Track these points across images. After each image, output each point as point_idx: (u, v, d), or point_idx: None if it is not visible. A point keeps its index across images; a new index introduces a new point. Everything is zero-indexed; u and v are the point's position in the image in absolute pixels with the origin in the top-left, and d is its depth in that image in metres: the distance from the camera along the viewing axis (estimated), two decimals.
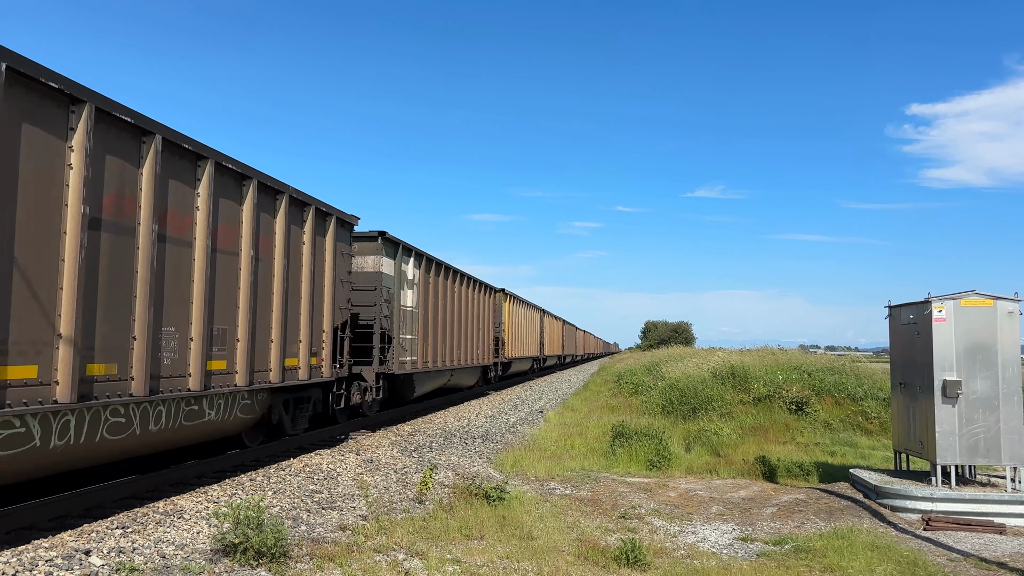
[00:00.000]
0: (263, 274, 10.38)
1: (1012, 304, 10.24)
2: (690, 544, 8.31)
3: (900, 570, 7.21)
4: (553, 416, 22.52)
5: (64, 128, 6.66)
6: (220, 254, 9.29)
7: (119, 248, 7.35)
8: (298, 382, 11.47)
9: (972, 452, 10.13)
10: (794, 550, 8.00)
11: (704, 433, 17.14)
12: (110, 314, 7.23)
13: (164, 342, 8.12)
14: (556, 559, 7.19)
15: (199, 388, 8.68)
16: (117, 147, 7.36)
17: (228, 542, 6.37)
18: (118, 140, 7.38)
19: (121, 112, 7.32)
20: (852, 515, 9.91)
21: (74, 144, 6.72)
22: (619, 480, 12.28)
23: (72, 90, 6.65)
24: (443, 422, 17.92)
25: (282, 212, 10.83)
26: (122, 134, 7.44)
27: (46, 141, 6.44)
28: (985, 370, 10.15)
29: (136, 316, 7.60)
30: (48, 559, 5.87)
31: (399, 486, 10.35)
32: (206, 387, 8.87)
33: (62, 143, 6.63)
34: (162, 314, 8.06)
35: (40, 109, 6.39)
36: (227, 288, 9.49)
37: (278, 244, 10.79)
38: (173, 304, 8.29)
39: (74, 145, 6.72)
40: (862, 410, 19.88)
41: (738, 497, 11.11)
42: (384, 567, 6.56)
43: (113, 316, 7.28)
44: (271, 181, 10.43)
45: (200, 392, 8.72)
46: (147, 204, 7.72)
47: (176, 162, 8.36)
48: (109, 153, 7.24)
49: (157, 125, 7.84)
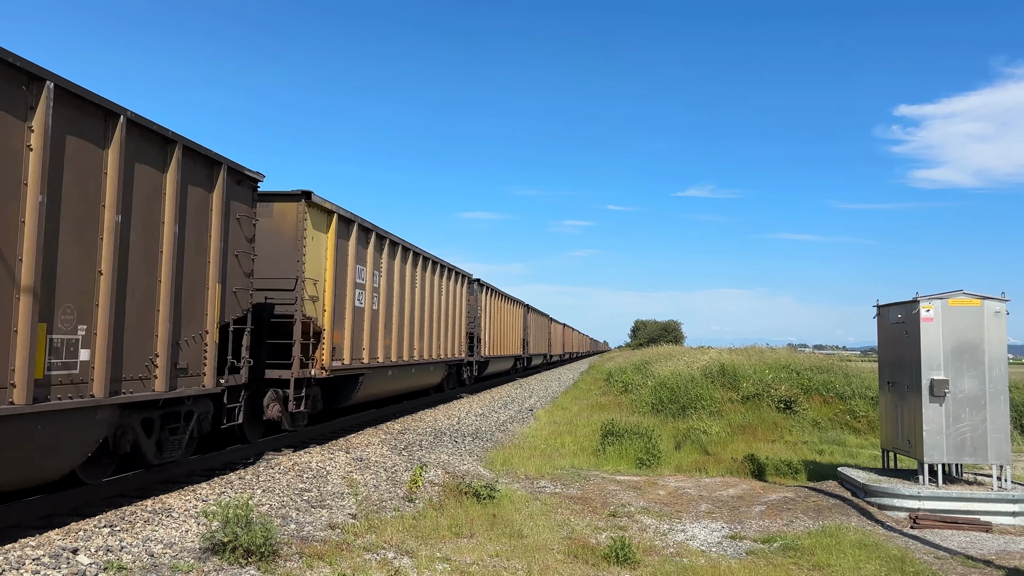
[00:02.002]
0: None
1: (999, 304, 10.32)
2: (679, 542, 8.33)
3: (887, 568, 7.25)
4: (543, 414, 22.54)
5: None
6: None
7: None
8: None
9: (959, 451, 10.21)
10: (783, 548, 8.03)
11: (693, 431, 17.20)
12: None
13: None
14: (546, 557, 7.20)
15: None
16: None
17: (217, 541, 6.35)
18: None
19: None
20: (840, 513, 9.97)
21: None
22: (609, 478, 12.31)
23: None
24: (433, 420, 17.91)
25: (115, 144, 7.46)
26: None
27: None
28: (972, 369, 10.22)
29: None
30: (35, 558, 5.83)
31: (389, 484, 10.33)
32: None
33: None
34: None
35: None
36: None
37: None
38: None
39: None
40: (850, 409, 20.00)
41: (727, 495, 11.15)
42: (374, 566, 6.55)
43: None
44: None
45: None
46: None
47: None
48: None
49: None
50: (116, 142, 7.48)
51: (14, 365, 6.24)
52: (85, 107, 7.16)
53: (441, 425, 17.19)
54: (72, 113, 6.99)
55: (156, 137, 8.24)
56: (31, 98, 6.50)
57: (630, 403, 24.55)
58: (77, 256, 7.06)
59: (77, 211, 7.06)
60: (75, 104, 7.03)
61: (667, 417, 20.39)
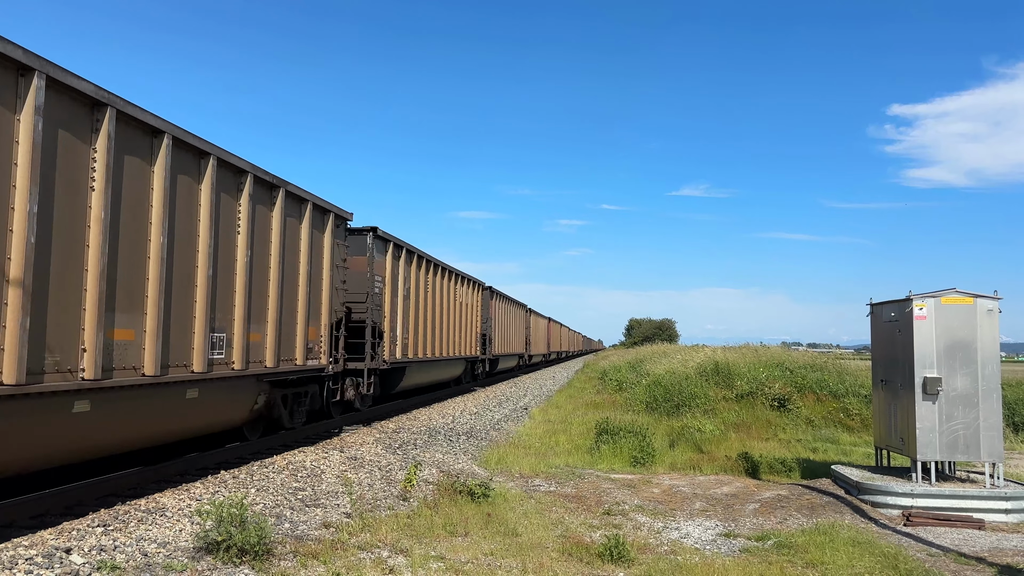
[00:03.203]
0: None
1: (991, 302, 10.36)
2: (674, 540, 8.35)
3: (881, 565, 7.28)
4: (538, 413, 22.55)
5: None
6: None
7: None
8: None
9: (952, 448, 10.25)
10: (776, 546, 8.05)
11: (687, 430, 17.23)
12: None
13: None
14: (541, 556, 7.21)
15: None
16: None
17: (211, 540, 6.33)
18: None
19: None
20: (834, 511, 10.00)
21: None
22: (603, 477, 12.32)
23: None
24: (427, 419, 17.89)
25: (278, 207, 11.04)
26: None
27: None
28: (965, 367, 10.26)
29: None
30: (28, 557, 5.80)
31: (383, 483, 10.32)
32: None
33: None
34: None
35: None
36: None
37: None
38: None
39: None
40: (844, 407, 20.06)
41: (721, 493, 11.17)
42: (368, 564, 6.54)
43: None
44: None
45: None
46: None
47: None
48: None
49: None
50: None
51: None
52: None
53: (436, 424, 17.18)
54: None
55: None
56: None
57: (624, 402, 24.59)
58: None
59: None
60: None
61: (661, 415, 20.43)
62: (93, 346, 7.09)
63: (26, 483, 8.11)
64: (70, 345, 6.89)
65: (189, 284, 8.92)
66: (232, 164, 9.68)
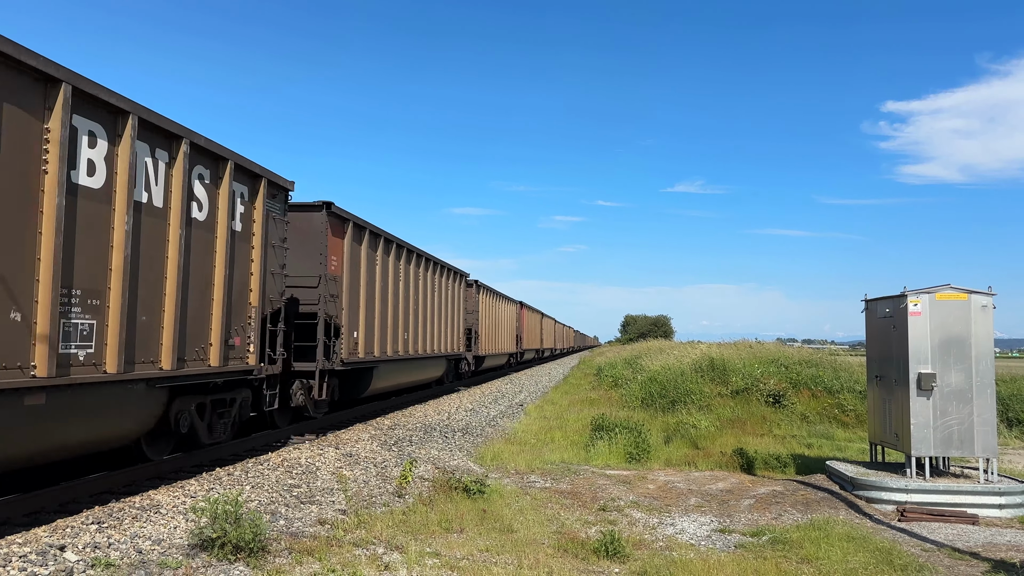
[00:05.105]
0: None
1: (986, 298, 10.38)
2: (669, 536, 8.36)
3: (875, 560, 7.30)
4: (533, 409, 22.56)
5: None
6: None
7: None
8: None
9: (946, 444, 10.28)
10: (771, 541, 8.07)
11: (683, 426, 17.25)
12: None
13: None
14: (536, 552, 7.21)
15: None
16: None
17: (206, 537, 6.32)
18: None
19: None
20: (828, 506, 10.02)
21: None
22: (599, 473, 12.33)
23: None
24: (423, 416, 17.88)
25: (180, 161, 8.54)
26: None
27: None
28: (959, 363, 10.29)
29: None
30: (22, 555, 5.78)
31: (379, 480, 10.31)
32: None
33: None
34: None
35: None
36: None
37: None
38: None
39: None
40: (838, 403, 20.10)
41: (716, 489, 11.19)
42: (363, 561, 6.53)
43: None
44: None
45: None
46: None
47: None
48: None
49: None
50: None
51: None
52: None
53: (431, 421, 17.18)
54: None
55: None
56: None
57: (620, 398, 24.59)
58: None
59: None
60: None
61: (657, 411, 20.45)
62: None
63: (25, 482, 8.08)
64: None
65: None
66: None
